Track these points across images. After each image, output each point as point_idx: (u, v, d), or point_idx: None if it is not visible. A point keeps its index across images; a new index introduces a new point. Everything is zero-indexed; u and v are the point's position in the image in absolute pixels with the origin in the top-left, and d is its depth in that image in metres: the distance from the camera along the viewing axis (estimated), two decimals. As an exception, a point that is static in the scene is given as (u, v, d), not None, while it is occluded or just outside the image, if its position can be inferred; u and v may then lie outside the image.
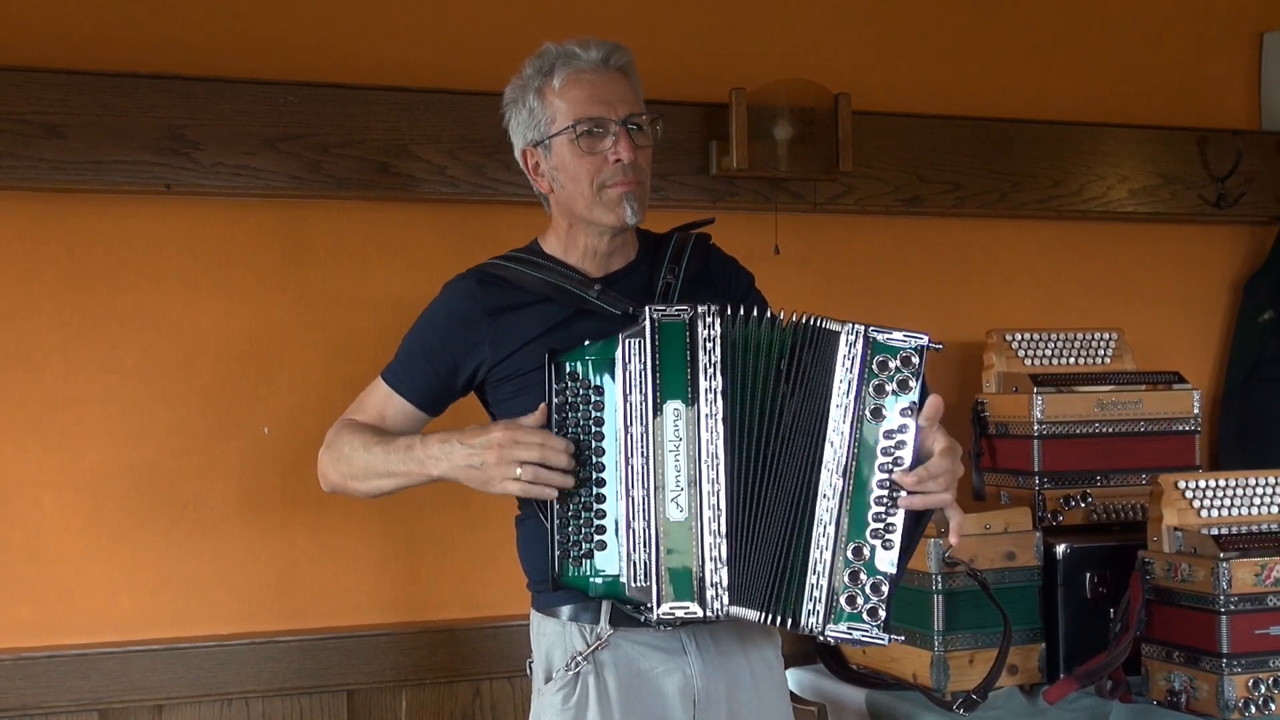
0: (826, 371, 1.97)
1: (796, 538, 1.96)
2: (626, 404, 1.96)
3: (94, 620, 2.66)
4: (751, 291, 2.28)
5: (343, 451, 2.15)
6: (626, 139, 2.08)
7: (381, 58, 2.83)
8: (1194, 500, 2.60)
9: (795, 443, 1.98)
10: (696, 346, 1.96)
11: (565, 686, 2.09)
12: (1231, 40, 3.52)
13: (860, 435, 1.94)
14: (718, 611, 1.94)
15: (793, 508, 1.97)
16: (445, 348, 2.15)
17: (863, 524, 1.94)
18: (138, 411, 2.68)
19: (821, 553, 1.95)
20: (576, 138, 2.08)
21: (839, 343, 1.96)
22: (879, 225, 3.20)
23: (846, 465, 1.94)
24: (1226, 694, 2.44)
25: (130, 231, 2.69)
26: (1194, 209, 3.38)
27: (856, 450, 1.95)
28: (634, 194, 2.09)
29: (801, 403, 1.98)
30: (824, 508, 1.95)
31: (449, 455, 2.02)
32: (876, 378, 1.94)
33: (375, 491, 2.16)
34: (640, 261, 2.20)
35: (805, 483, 1.97)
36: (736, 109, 2.90)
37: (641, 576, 1.94)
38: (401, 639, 2.79)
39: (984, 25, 3.30)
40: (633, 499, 1.96)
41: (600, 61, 2.09)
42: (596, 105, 2.08)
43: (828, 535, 1.94)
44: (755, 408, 1.98)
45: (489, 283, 2.14)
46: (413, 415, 2.18)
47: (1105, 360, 3.05)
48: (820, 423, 1.97)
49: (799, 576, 1.95)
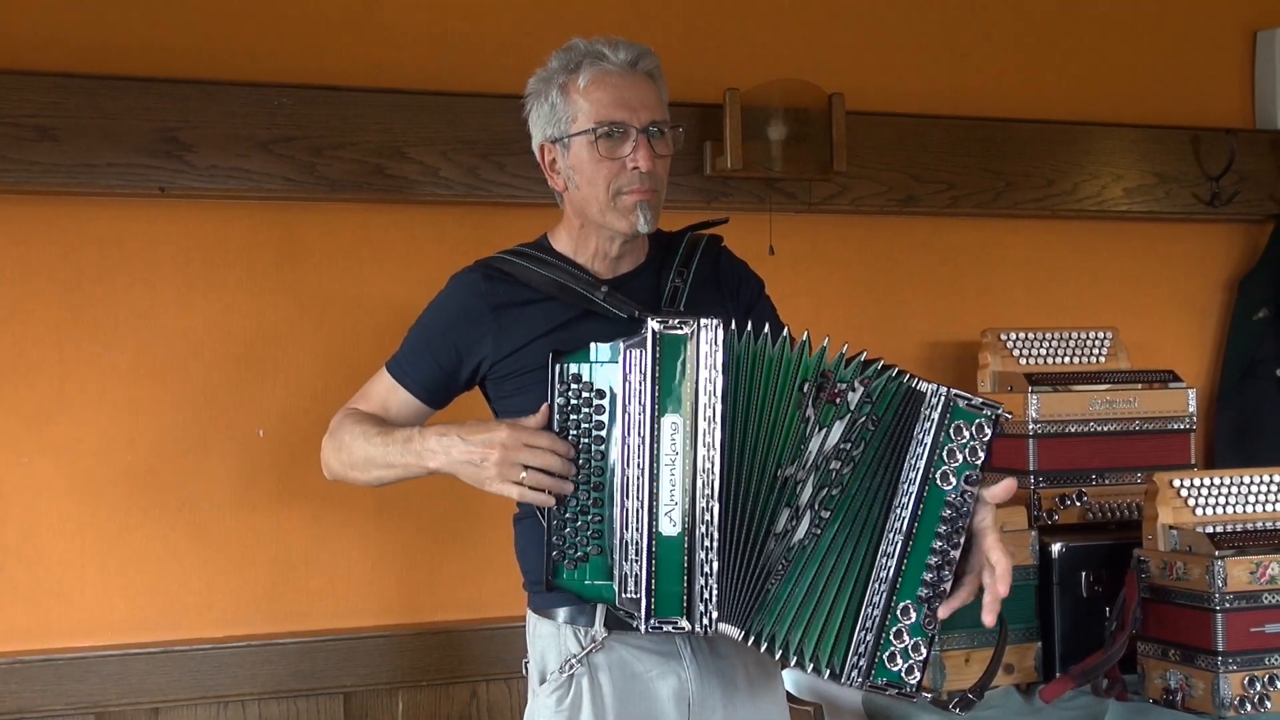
0: (904, 428, 1.94)
1: (847, 588, 1.93)
2: (625, 414, 1.94)
3: (90, 623, 2.66)
4: (761, 299, 2.26)
5: (343, 441, 2.14)
6: (646, 146, 2.06)
7: (375, 60, 2.83)
8: (1189, 499, 2.60)
9: (845, 481, 1.94)
10: (699, 361, 1.92)
11: (559, 688, 2.08)
12: (1225, 39, 3.53)
13: (927, 497, 1.92)
14: (706, 627, 1.92)
15: (837, 550, 1.93)
16: (449, 341, 2.14)
17: (915, 585, 1.92)
18: (132, 414, 2.68)
19: (874, 609, 1.92)
20: (596, 140, 2.06)
21: (923, 403, 1.93)
22: (873, 225, 3.20)
23: (910, 526, 1.92)
24: (1222, 692, 2.44)
25: (124, 234, 2.69)
26: (1188, 208, 3.38)
27: (921, 511, 1.92)
28: (649, 203, 2.07)
29: (868, 452, 1.94)
30: (882, 565, 1.92)
31: (447, 450, 2.01)
32: (951, 442, 1.93)
33: (375, 482, 2.16)
34: (650, 263, 2.19)
35: (862, 531, 1.93)
36: (730, 109, 2.90)
37: (632, 588, 1.93)
38: (398, 641, 2.79)
39: (977, 25, 3.31)
40: (627, 510, 1.93)
41: (628, 64, 2.08)
42: (619, 109, 2.06)
43: (881, 593, 1.92)
44: (762, 426, 1.95)
45: (495, 278, 2.13)
46: (416, 408, 2.18)
47: (1100, 359, 3.05)
48: (888, 476, 1.94)
49: (847, 629, 1.92)
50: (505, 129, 2.79)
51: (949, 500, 1.92)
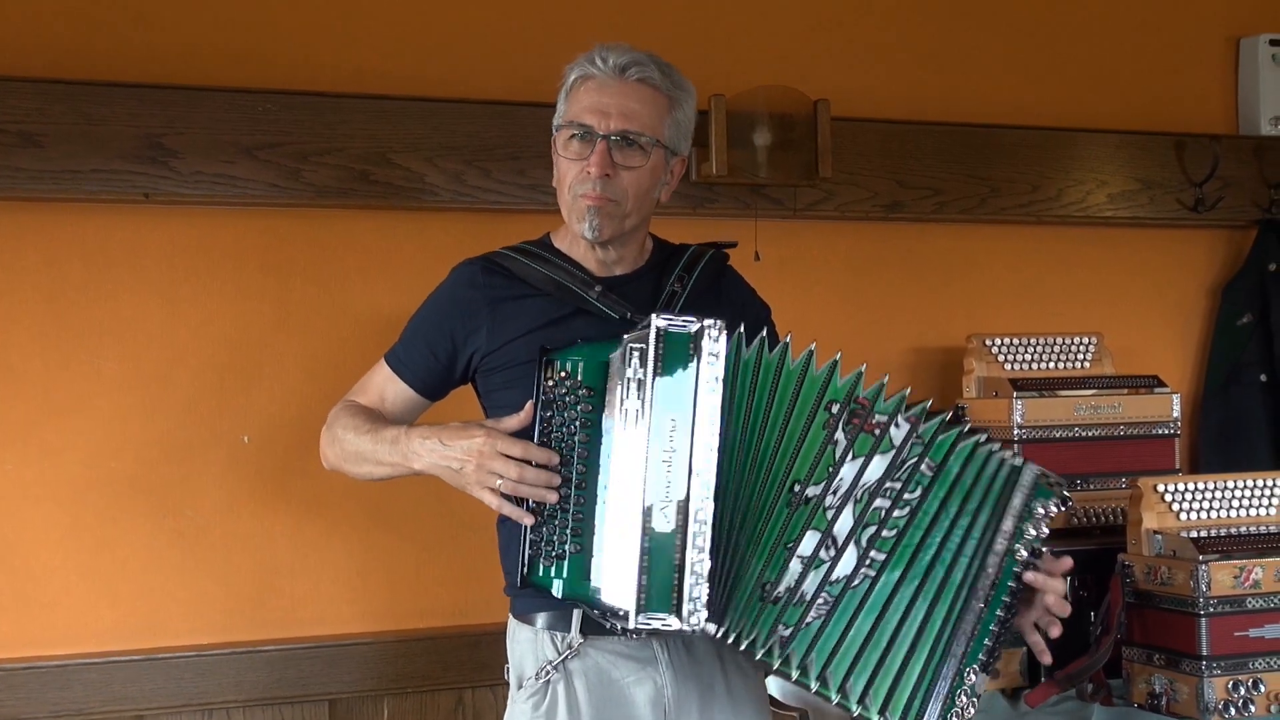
0: (990, 494, 1.96)
1: (925, 647, 1.93)
2: (621, 410, 1.93)
3: (74, 631, 2.65)
4: (769, 323, 2.24)
5: (337, 433, 2.16)
6: (604, 154, 2.05)
7: (360, 66, 2.82)
8: (1173, 503, 2.61)
9: (901, 526, 1.94)
10: (700, 360, 1.91)
11: (535, 694, 2.08)
12: (1208, 46, 3.54)
13: (1004, 567, 1.95)
14: (693, 626, 1.91)
15: (907, 602, 1.93)
16: (445, 332, 2.15)
17: (979, 650, 1.94)
18: (117, 421, 2.67)
19: (948, 671, 1.93)
20: (568, 139, 2.09)
21: (1017, 478, 1.97)
22: (859, 231, 3.20)
23: (989, 594, 1.94)
24: (1206, 696, 2.45)
25: (108, 241, 2.68)
26: (1172, 213, 3.39)
27: (997, 578, 1.95)
28: (598, 209, 2.06)
29: (930, 502, 1.95)
30: (960, 629, 1.93)
31: (430, 453, 2.01)
32: (1032, 518, 1.96)
33: (367, 476, 2.16)
34: (650, 267, 2.19)
35: (939, 591, 1.94)
36: (716, 115, 2.91)
37: (620, 584, 1.93)
38: (383, 648, 2.78)
39: (963, 32, 3.32)
40: (618, 506, 1.93)
41: (615, 70, 2.08)
42: (589, 113, 2.07)
43: (957, 655, 1.93)
44: (774, 435, 1.95)
45: (494, 271, 2.14)
46: (412, 400, 2.19)
47: (1085, 364, 3.06)
48: (963, 538, 1.95)
49: (923, 688, 1.92)
50: (492, 135, 2.79)
51: (1017, 572, 1.95)
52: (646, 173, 2.10)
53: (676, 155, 2.16)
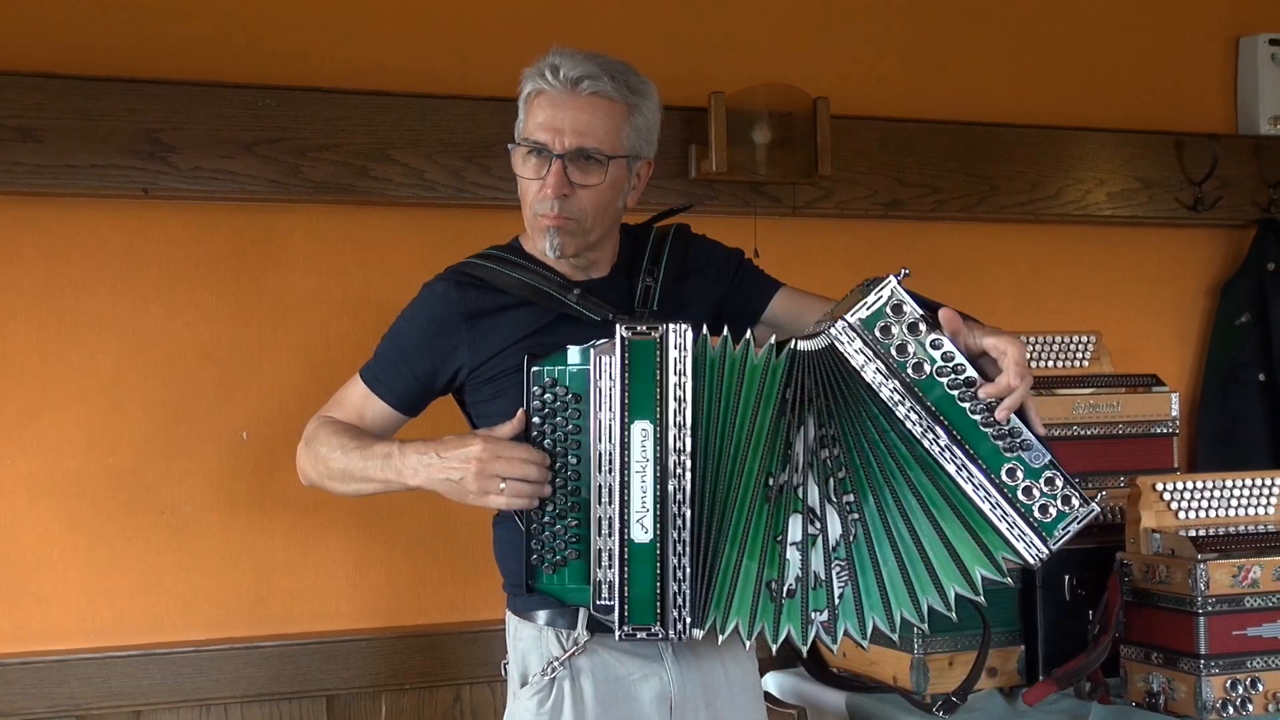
0: (851, 377, 1.92)
1: (954, 519, 1.92)
2: (597, 420, 1.94)
3: (71, 626, 2.64)
4: (742, 269, 2.25)
5: (320, 452, 2.13)
6: (560, 174, 2.01)
7: (359, 62, 2.82)
8: (1171, 502, 2.61)
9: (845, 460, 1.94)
10: (667, 366, 1.92)
11: (540, 691, 2.08)
12: (1208, 45, 3.54)
13: (924, 394, 1.91)
14: (680, 633, 1.92)
15: (910, 510, 1.93)
16: (423, 353, 2.13)
17: (995, 451, 1.90)
18: (114, 416, 2.67)
19: (992, 502, 1.90)
20: (524, 156, 2.06)
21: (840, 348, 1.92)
22: (858, 229, 3.20)
23: (934, 425, 1.90)
24: (1204, 695, 2.45)
25: (107, 236, 2.68)
26: (1171, 212, 3.39)
27: (935, 407, 1.91)
28: (558, 229, 2.04)
29: (843, 422, 1.94)
30: (963, 475, 1.90)
31: (427, 468, 2.01)
32: (893, 341, 1.92)
33: (354, 493, 2.15)
34: (621, 264, 2.18)
35: (918, 477, 1.93)
36: (715, 113, 2.91)
37: (606, 595, 1.93)
38: (381, 644, 2.78)
39: (962, 30, 3.31)
40: (599, 518, 1.94)
41: (568, 84, 2.02)
42: (543, 130, 2.02)
43: (984, 485, 1.90)
44: (743, 431, 1.95)
45: (467, 284, 2.12)
46: (391, 416, 2.17)
47: (1083, 363, 3.06)
48: (877, 425, 1.93)
49: (987, 533, 1.91)
50: (490, 131, 2.79)
51: (938, 373, 1.92)
52: (606, 188, 2.06)
53: (640, 159, 2.12)
